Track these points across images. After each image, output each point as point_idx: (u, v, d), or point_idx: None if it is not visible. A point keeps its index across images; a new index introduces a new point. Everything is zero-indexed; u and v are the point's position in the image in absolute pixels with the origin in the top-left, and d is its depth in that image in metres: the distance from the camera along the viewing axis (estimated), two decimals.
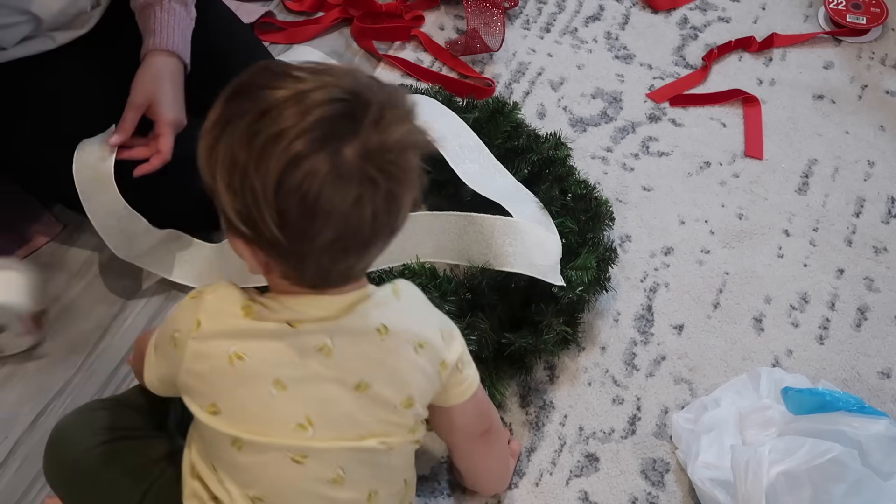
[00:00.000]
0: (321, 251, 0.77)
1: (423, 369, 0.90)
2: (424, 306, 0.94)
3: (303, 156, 0.72)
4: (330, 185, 0.73)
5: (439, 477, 1.20)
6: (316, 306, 0.84)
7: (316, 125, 0.72)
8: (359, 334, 0.85)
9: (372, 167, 0.74)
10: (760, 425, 1.16)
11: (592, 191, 1.37)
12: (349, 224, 0.75)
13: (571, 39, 1.72)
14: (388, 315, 0.87)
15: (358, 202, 0.74)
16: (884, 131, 1.60)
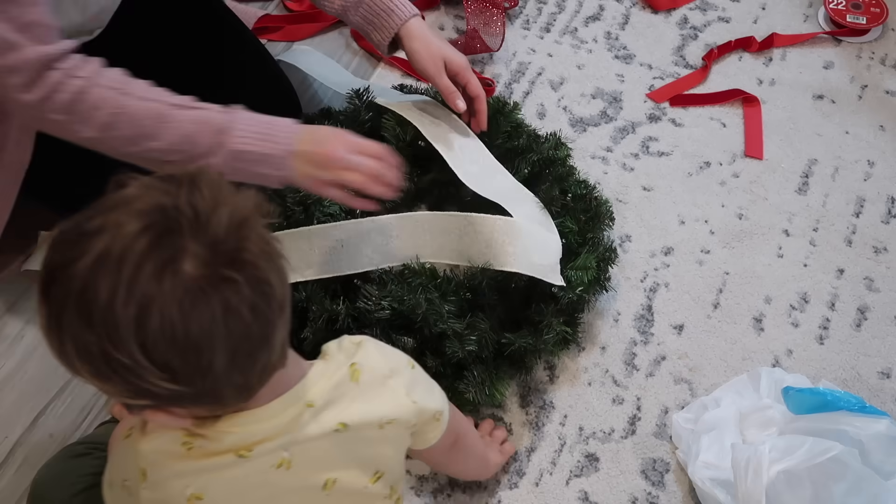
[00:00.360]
0: (227, 374, 0.69)
1: (391, 440, 0.87)
2: (385, 379, 0.87)
3: (146, 303, 0.65)
4: (189, 311, 0.65)
5: (439, 477, 1.20)
6: (259, 422, 0.78)
7: (142, 263, 0.65)
8: (316, 439, 0.81)
9: (220, 266, 0.67)
10: (761, 425, 1.16)
11: (592, 191, 1.37)
12: (234, 334, 0.68)
13: (571, 39, 1.72)
14: (345, 410, 0.82)
15: (228, 309, 0.67)
16: (884, 131, 1.60)
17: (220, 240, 0.67)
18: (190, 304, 0.65)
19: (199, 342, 0.66)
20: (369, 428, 0.84)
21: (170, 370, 0.66)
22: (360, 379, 0.85)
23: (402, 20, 1.26)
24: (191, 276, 0.65)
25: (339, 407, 0.82)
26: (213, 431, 0.77)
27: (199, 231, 0.67)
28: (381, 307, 1.18)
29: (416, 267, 1.21)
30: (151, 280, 0.65)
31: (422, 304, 1.16)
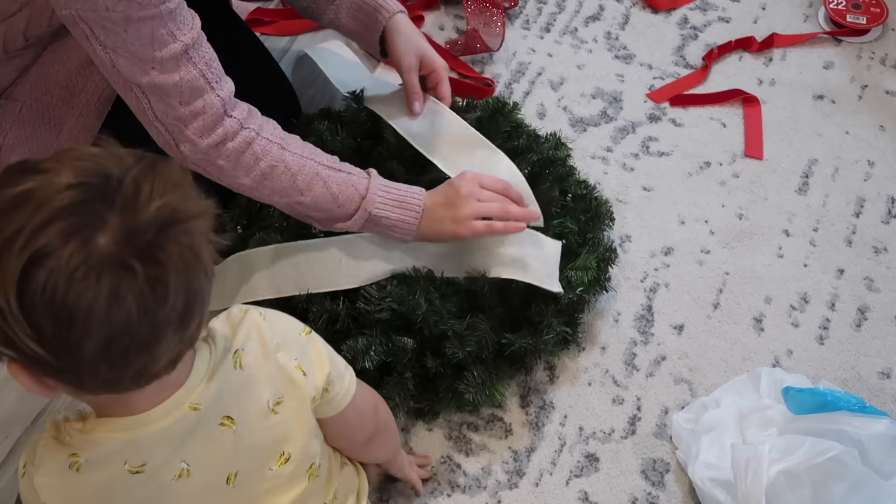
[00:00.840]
0: (95, 361, 0.66)
1: (288, 420, 0.86)
2: (274, 354, 0.85)
3: (44, 253, 0.62)
4: (78, 281, 0.62)
5: (439, 477, 1.20)
6: (140, 427, 0.76)
7: (57, 215, 0.63)
8: (207, 441, 0.80)
9: (128, 253, 0.64)
10: (761, 425, 1.16)
11: (592, 191, 1.37)
12: (114, 324, 0.64)
13: (571, 39, 1.72)
14: (229, 402, 0.80)
15: (115, 297, 0.64)
16: (884, 131, 1.60)
17: (140, 228, 0.65)
18: (81, 276, 0.63)
19: (74, 316, 0.63)
20: (257, 415, 0.83)
21: (38, 332, 0.64)
22: (244, 363, 0.82)
23: (390, 14, 1.29)
24: (98, 250, 0.63)
25: (223, 401, 0.80)
26: (92, 439, 0.76)
27: (127, 211, 0.65)
28: (381, 308, 1.18)
29: (414, 274, 1.21)
30: (58, 237, 0.63)
31: (422, 304, 1.16)
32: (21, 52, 1.16)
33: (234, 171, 1.08)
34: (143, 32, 0.98)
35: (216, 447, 0.81)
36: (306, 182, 1.11)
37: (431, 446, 1.22)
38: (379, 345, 1.17)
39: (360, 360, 1.16)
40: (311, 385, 0.87)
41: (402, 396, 1.18)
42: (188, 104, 1.03)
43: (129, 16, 0.96)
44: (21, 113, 1.22)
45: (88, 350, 0.65)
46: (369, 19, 1.31)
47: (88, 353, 0.65)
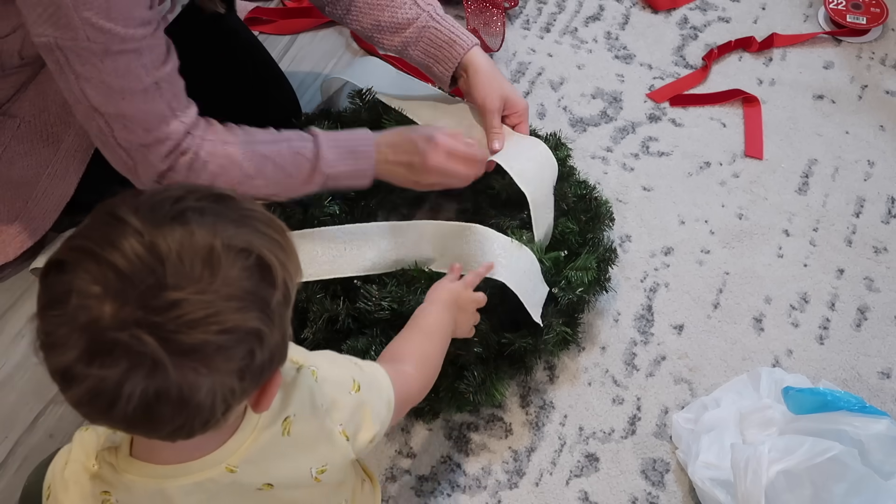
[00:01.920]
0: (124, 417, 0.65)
1: (330, 484, 0.84)
2: (322, 421, 0.82)
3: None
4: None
5: (439, 477, 1.20)
6: (175, 482, 0.74)
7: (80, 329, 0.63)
8: (240, 499, 0.78)
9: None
10: (761, 425, 1.16)
11: (592, 191, 1.37)
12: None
13: (571, 39, 1.72)
14: (270, 468, 0.78)
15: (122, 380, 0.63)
16: (884, 131, 1.60)
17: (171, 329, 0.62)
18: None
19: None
20: (299, 481, 0.81)
21: None
22: (293, 430, 0.79)
23: (464, 49, 1.27)
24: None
25: (263, 467, 0.78)
26: (126, 480, 0.75)
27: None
28: (381, 307, 1.18)
29: (415, 272, 1.21)
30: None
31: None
32: (17, 71, 1.17)
33: (187, 179, 1.09)
34: (118, 65, 0.99)
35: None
36: (255, 167, 1.12)
37: (431, 446, 1.22)
38: (379, 344, 1.17)
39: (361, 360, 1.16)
40: (353, 448, 0.85)
41: None
42: (152, 131, 1.04)
43: (108, 48, 0.97)
44: (20, 129, 1.22)
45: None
46: (442, 53, 1.29)
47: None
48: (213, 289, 0.63)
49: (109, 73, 0.99)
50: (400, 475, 1.20)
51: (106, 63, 0.98)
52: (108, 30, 0.96)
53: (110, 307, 0.61)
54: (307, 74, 1.61)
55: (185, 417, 0.65)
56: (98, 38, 0.96)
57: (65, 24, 0.95)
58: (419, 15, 1.28)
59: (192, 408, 0.65)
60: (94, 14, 0.94)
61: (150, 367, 0.62)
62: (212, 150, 1.09)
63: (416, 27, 1.28)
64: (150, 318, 0.61)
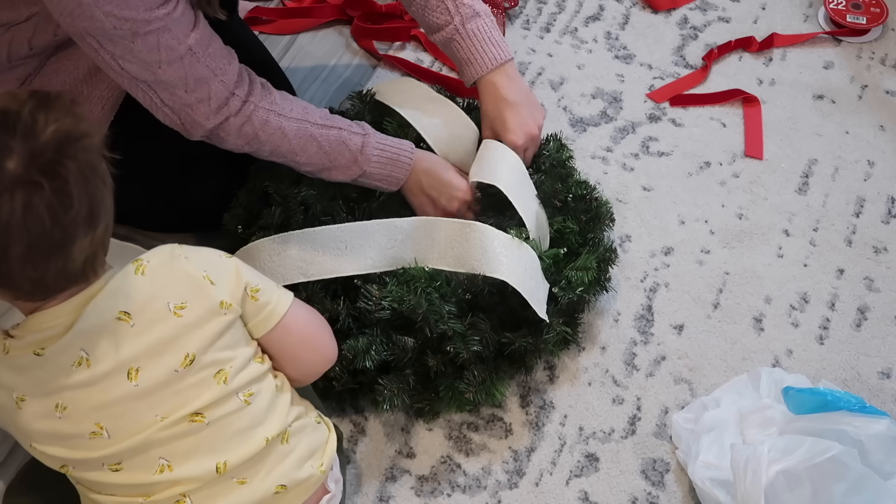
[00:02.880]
0: (21, 265, 0.82)
1: (191, 323, 0.91)
2: (181, 264, 0.94)
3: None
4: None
5: (439, 477, 1.20)
6: (52, 320, 0.88)
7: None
8: (103, 332, 0.89)
9: (34, 172, 0.79)
10: (761, 425, 1.16)
11: (592, 191, 1.37)
12: (32, 232, 0.80)
13: (571, 39, 1.72)
14: (126, 299, 0.90)
15: (28, 208, 0.79)
16: (884, 131, 1.60)
17: (40, 149, 0.80)
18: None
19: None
20: (156, 314, 0.90)
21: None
22: (147, 270, 0.92)
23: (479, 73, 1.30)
24: (7, 173, 0.79)
25: (117, 299, 0.89)
26: (21, 330, 0.89)
27: (28, 138, 0.80)
28: (381, 307, 1.18)
29: (415, 271, 1.21)
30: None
31: (422, 304, 1.16)
32: (24, 62, 1.18)
33: (235, 140, 1.16)
34: (149, 43, 1.04)
35: (112, 339, 0.89)
36: (301, 144, 1.19)
37: (431, 446, 1.23)
38: (379, 344, 1.17)
39: (361, 360, 1.16)
40: (221, 292, 0.94)
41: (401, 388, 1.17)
42: (194, 92, 1.09)
43: (135, 31, 1.02)
44: None
45: (13, 255, 0.80)
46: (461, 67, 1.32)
47: (14, 258, 0.81)
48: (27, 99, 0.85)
49: (142, 50, 1.04)
50: (400, 475, 1.20)
51: (137, 43, 1.03)
52: (131, 18, 1.00)
53: (10, 162, 0.80)
54: (307, 74, 1.61)
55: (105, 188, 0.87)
56: (124, 26, 1.01)
57: (89, 17, 0.99)
58: (447, 24, 1.29)
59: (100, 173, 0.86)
60: (115, 7, 0.99)
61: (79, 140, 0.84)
62: (265, 118, 1.15)
63: (443, 35, 1.30)
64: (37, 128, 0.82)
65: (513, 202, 1.26)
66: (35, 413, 0.89)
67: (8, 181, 0.79)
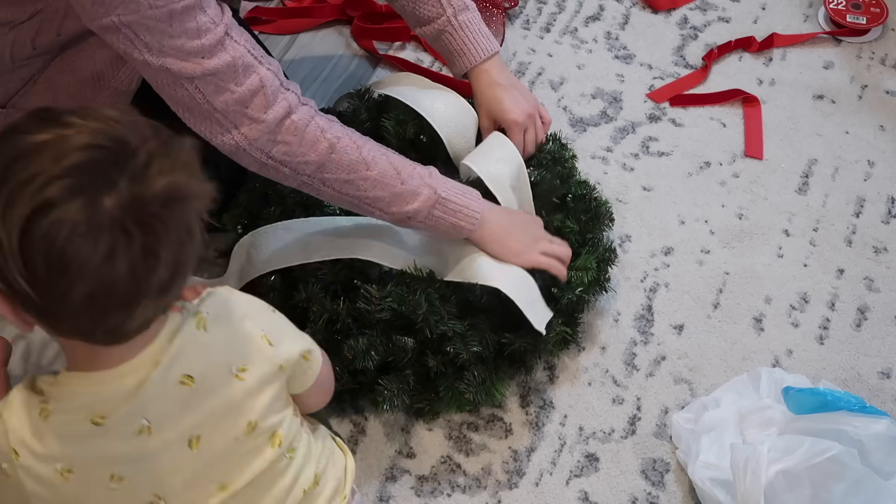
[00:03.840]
0: (76, 310, 0.72)
1: (255, 387, 0.87)
2: (240, 321, 0.87)
3: (52, 203, 0.67)
4: (80, 235, 0.68)
5: (439, 477, 1.20)
6: (110, 382, 0.80)
7: (71, 171, 0.68)
8: (166, 398, 0.82)
9: (130, 219, 0.69)
10: (761, 425, 1.16)
11: (592, 191, 1.37)
12: (102, 281, 0.70)
13: (571, 39, 1.72)
14: (189, 361, 0.83)
15: (110, 256, 0.69)
16: (884, 131, 1.60)
17: (145, 198, 0.70)
18: (83, 231, 0.68)
19: (67, 267, 0.69)
20: (220, 378, 0.84)
21: (31, 272, 0.69)
22: (208, 326, 0.85)
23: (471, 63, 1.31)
24: (101, 210, 0.69)
25: (181, 362, 0.83)
26: (63, 391, 0.81)
27: (136, 181, 0.70)
28: (381, 307, 1.18)
29: (415, 273, 1.21)
30: (68, 191, 0.68)
31: (422, 304, 1.17)
32: (27, 62, 1.15)
33: (300, 147, 1.06)
34: (187, 24, 0.97)
35: (176, 405, 0.83)
36: (372, 154, 1.09)
37: (431, 446, 1.23)
38: (379, 344, 1.18)
39: (361, 360, 1.16)
40: (279, 354, 0.88)
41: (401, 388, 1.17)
42: (244, 83, 1.02)
43: (171, 9, 0.95)
44: None
45: (73, 299, 0.70)
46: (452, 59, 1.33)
47: (72, 301, 0.71)
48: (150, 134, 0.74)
49: (181, 35, 0.97)
50: (400, 475, 1.20)
51: (175, 26, 0.96)
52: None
53: (109, 199, 0.69)
54: (307, 74, 1.61)
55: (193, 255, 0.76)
56: (159, 2, 0.94)
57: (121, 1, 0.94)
58: (439, 16, 1.29)
59: (195, 240, 0.76)
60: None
61: (186, 200, 0.74)
62: (329, 122, 1.08)
63: (434, 28, 1.30)
64: (150, 172, 0.72)
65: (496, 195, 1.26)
66: (84, 485, 0.82)
67: (98, 220, 0.68)
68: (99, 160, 0.70)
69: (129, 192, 0.69)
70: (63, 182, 0.68)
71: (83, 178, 0.68)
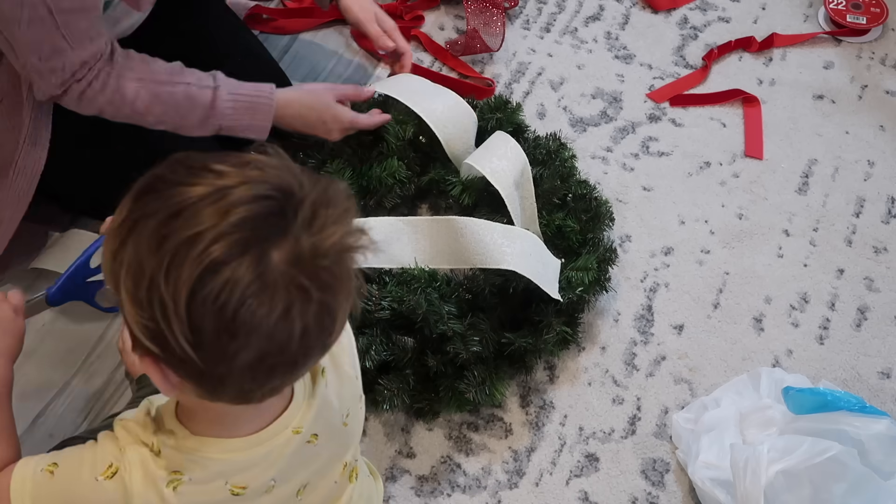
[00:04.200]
0: (242, 373, 0.66)
1: (354, 431, 0.87)
2: (341, 365, 0.85)
3: (221, 261, 0.61)
4: (253, 295, 0.62)
5: (439, 477, 1.20)
6: (246, 449, 0.76)
7: (238, 226, 0.62)
8: (296, 459, 0.80)
9: (303, 275, 0.64)
10: (761, 425, 1.16)
11: (592, 191, 1.37)
12: (274, 341, 0.64)
13: (571, 39, 1.72)
14: (317, 420, 0.80)
15: (286, 316, 0.64)
16: (884, 131, 1.60)
17: (320, 253, 0.65)
18: (256, 290, 0.62)
19: (240, 329, 0.63)
20: (334, 429, 0.84)
21: (198, 335, 0.63)
22: (329, 380, 0.82)
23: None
24: (272, 267, 0.63)
25: (319, 420, 0.80)
26: (195, 458, 0.75)
27: (306, 233, 0.64)
28: (381, 307, 1.18)
29: (416, 271, 1.21)
30: (238, 246, 0.62)
31: (422, 304, 1.16)
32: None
33: (86, 109, 1.16)
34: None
35: (300, 465, 0.81)
36: (146, 106, 1.17)
37: (431, 446, 1.22)
38: (379, 344, 1.17)
39: (361, 360, 1.16)
40: (360, 385, 0.89)
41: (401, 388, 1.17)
42: (46, 61, 1.08)
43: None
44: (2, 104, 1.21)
45: (240, 361, 0.65)
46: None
47: (239, 364, 0.65)
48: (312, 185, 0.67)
49: (5, 2, 1.02)
50: (400, 475, 1.20)
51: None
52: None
53: (278, 254, 0.63)
54: (307, 74, 1.61)
55: (328, 338, 0.70)
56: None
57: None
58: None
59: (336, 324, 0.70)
60: None
61: (352, 257, 0.68)
62: (105, 82, 1.14)
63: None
64: (318, 225, 0.65)
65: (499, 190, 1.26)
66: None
67: (270, 277, 0.62)
68: (265, 213, 0.63)
69: (300, 246, 0.63)
70: (230, 238, 0.62)
71: (251, 233, 0.62)
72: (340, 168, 1.32)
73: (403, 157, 1.34)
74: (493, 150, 1.32)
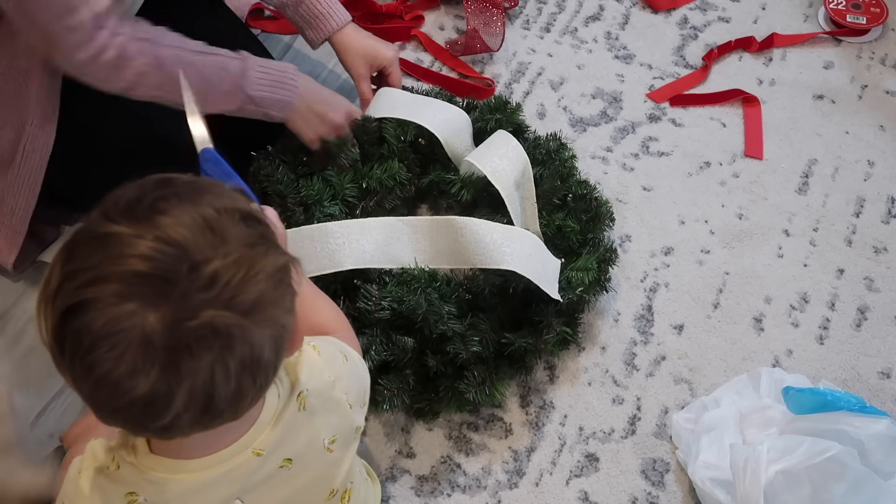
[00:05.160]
0: (128, 412, 0.65)
1: (340, 457, 0.87)
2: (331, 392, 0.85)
3: (90, 305, 0.62)
4: (106, 347, 0.62)
5: (439, 477, 1.20)
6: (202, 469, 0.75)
7: (124, 277, 0.62)
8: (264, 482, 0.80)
9: (165, 341, 0.62)
10: (761, 425, 1.16)
11: (592, 191, 1.37)
12: (121, 396, 0.64)
13: (571, 39, 1.72)
14: (290, 445, 0.80)
15: (132, 375, 0.63)
16: (884, 131, 1.60)
17: (184, 325, 0.62)
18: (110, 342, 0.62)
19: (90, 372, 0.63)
20: (314, 454, 0.84)
21: (63, 371, 0.65)
22: (308, 405, 0.82)
23: (337, 27, 1.38)
24: (139, 324, 0.62)
25: (285, 445, 0.80)
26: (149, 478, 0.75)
27: (182, 304, 0.63)
28: (381, 307, 1.18)
29: (416, 271, 1.21)
30: (114, 296, 0.62)
31: (422, 304, 1.17)
32: None
33: (108, 82, 1.13)
34: None
35: (272, 488, 0.81)
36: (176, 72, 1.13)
37: (431, 446, 1.23)
38: (379, 344, 1.18)
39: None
40: (358, 416, 0.89)
41: (401, 388, 1.17)
42: (61, 19, 1.06)
43: None
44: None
45: (184, 421, 0.66)
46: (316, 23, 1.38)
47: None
48: (233, 248, 0.65)
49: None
50: (400, 475, 1.20)
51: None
52: None
53: (153, 315, 0.61)
54: (308, 73, 1.61)
55: (262, 378, 0.68)
56: None
57: None
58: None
59: (263, 365, 0.67)
60: None
61: (230, 339, 0.64)
62: (140, 48, 1.12)
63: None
64: (205, 298, 0.62)
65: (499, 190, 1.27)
66: None
67: (132, 333, 0.62)
68: (152, 274, 0.62)
69: (172, 314, 0.62)
70: (112, 287, 0.61)
71: (133, 288, 0.62)
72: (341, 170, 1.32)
73: (404, 159, 1.35)
74: (494, 150, 1.32)
